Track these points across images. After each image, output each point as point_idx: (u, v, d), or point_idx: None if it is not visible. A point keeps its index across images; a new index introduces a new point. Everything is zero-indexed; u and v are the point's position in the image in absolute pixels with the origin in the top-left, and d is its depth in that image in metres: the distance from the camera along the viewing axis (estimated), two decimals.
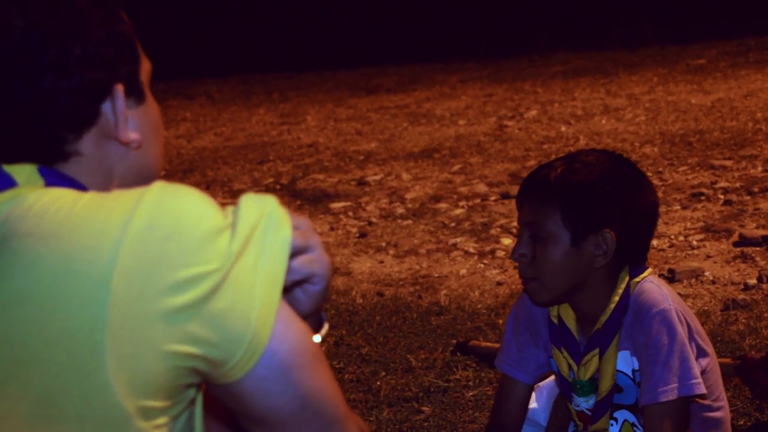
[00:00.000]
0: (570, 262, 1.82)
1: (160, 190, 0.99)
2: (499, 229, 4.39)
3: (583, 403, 1.94)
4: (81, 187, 1.05)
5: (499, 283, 3.68)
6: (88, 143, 1.06)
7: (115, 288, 0.93)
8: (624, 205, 1.83)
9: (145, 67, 1.14)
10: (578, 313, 1.92)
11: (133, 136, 1.09)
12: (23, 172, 1.03)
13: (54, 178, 1.04)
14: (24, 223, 0.98)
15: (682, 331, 1.80)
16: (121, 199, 0.98)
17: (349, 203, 5.25)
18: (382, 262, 4.16)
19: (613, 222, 1.81)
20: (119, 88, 1.07)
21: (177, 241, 0.95)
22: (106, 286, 0.93)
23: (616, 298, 1.85)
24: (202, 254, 0.96)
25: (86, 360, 0.93)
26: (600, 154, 1.89)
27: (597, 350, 1.88)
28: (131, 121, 1.10)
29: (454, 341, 3.06)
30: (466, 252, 4.13)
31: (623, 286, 1.86)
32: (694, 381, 1.79)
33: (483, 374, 2.83)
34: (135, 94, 1.11)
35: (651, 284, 1.86)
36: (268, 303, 0.99)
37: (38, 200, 0.99)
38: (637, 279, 1.87)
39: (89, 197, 0.99)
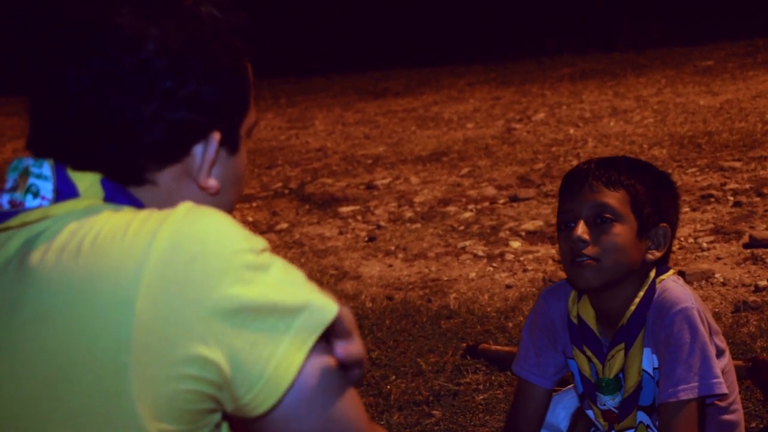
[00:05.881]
0: (631, 249, 1.84)
1: (186, 212, 0.98)
2: (508, 232, 4.38)
3: (609, 402, 1.94)
4: (140, 205, 1.04)
5: (508, 287, 3.68)
6: (167, 176, 1.06)
7: (139, 310, 0.92)
8: (673, 200, 1.93)
9: (249, 120, 1.14)
10: (600, 310, 1.92)
11: (212, 183, 1.08)
12: (86, 180, 1.02)
13: (114, 193, 1.03)
14: (59, 238, 0.97)
15: (703, 330, 1.80)
16: (149, 219, 0.97)
17: (357, 207, 5.25)
18: (391, 266, 4.16)
19: (668, 216, 1.90)
20: (216, 136, 1.06)
21: (202, 264, 0.94)
22: (130, 308, 0.93)
23: (641, 293, 1.87)
24: (226, 277, 0.95)
25: (111, 381, 0.93)
26: (636, 158, 2.02)
27: (622, 345, 1.88)
28: (216, 169, 1.09)
29: (464, 345, 3.06)
30: (475, 255, 4.12)
31: (649, 282, 1.88)
32: (715, 380, 1.79)
33: (493, 377, 2.82)
34: (229, 146, 1.10)
35: (674, 283, 1.88)
36: (294, 351, 0.97)
37: (77, 216, 0.99)
38: (662, 277, 1.89)
39: (121, 216, 0.99)
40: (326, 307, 1.00)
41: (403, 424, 2.61)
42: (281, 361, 0.96)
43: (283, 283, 0.98)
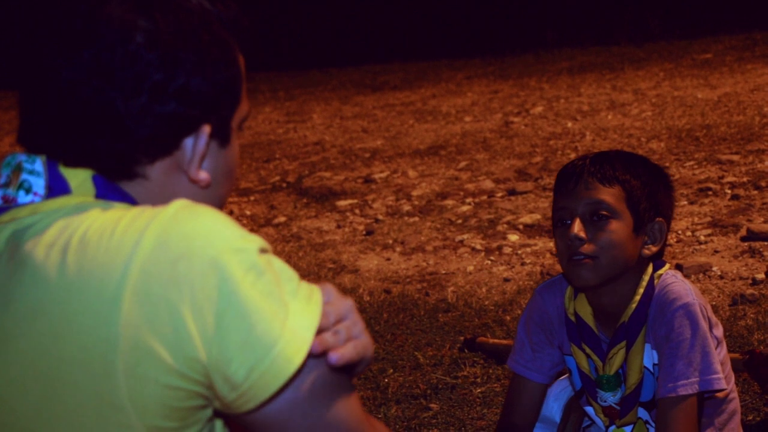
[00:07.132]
0: (628, 245, 1.83)
1: (177, 209, 0.97)
2: (505, 226, 4.38)
3: (611, 398, 1.93)
4: (132, 201, 1.04)
5: (506, 280, 3.68)
6: (157, 170, 1.05)
7: (126, 309, 0.92)
8: (668, 194, 1.92)
9: (241, 111, 1.12)
10: (597, 307, 1.91)
11: (202, 176, 1.07)
12: (77, 177, 1.02)
13: (105, 189, 1.02)
14: (48, 233, 0.97)
15: (704, 326, 1.80)
16: (139, 217, 0.96)
17: (355, 201, 5.25)
18: (389, 259, 4.16)
19: (663, 211, 1.89)
20: (206, 129, 1.06)
21: (186, 263, 0.93)
22: (117, 306, 0.92)
23: (641, 290, 1.86)
24: (213, 277, 0.93)
25: (102, 380, 0.93)
26: (631, 152, 1.99)
27: (623, 343, 1.87)
28: (207, 161, 1.08)
29: (462, 338, 3.06)
30: (473, 249, 4.13)
31: (647, 278, 1.87)
32: (714, 376, 1.79)
33: (491, 371, 2.83)
34: (220, 138, 1.09)
35: (674, 278, 1.87)
36: (284, 363, 0.95)
37: (67, 212, 0.98)
38: (660, 272, 1.88)
39: (111, 214, 0.98)
40: (312, 324, 0.98)
41: (400, 418, 2.61)
42: (269, 368, 0.94)
43: (275, 292, 0.96)
